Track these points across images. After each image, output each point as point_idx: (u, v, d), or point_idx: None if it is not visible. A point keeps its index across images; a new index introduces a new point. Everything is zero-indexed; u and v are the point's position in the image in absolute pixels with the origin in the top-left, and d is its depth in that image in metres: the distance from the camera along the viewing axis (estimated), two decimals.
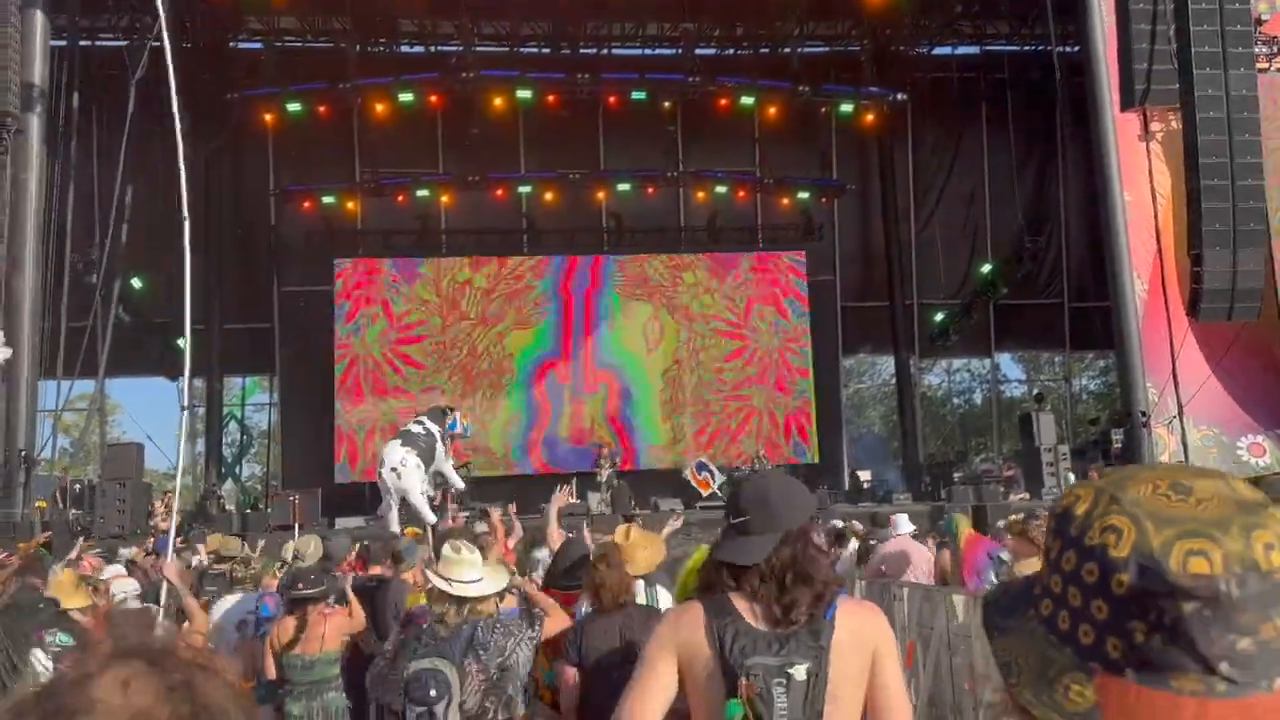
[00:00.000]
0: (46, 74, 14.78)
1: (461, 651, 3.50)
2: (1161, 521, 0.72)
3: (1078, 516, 0.77)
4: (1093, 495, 0.77)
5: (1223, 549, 0.70)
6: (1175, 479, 0.76)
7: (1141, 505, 0.74)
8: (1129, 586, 0.71)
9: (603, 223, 21.79)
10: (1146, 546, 0.71)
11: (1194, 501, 0.73)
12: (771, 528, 2.06)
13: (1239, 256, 14.20)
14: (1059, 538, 0.78)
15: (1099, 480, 0.80)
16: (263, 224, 21.21)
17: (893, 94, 19.99)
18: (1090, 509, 0.76)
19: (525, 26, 20.68)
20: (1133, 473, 0.78)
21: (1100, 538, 0.74)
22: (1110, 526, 0.74)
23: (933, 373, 27.38)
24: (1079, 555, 0.75)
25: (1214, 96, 14.04)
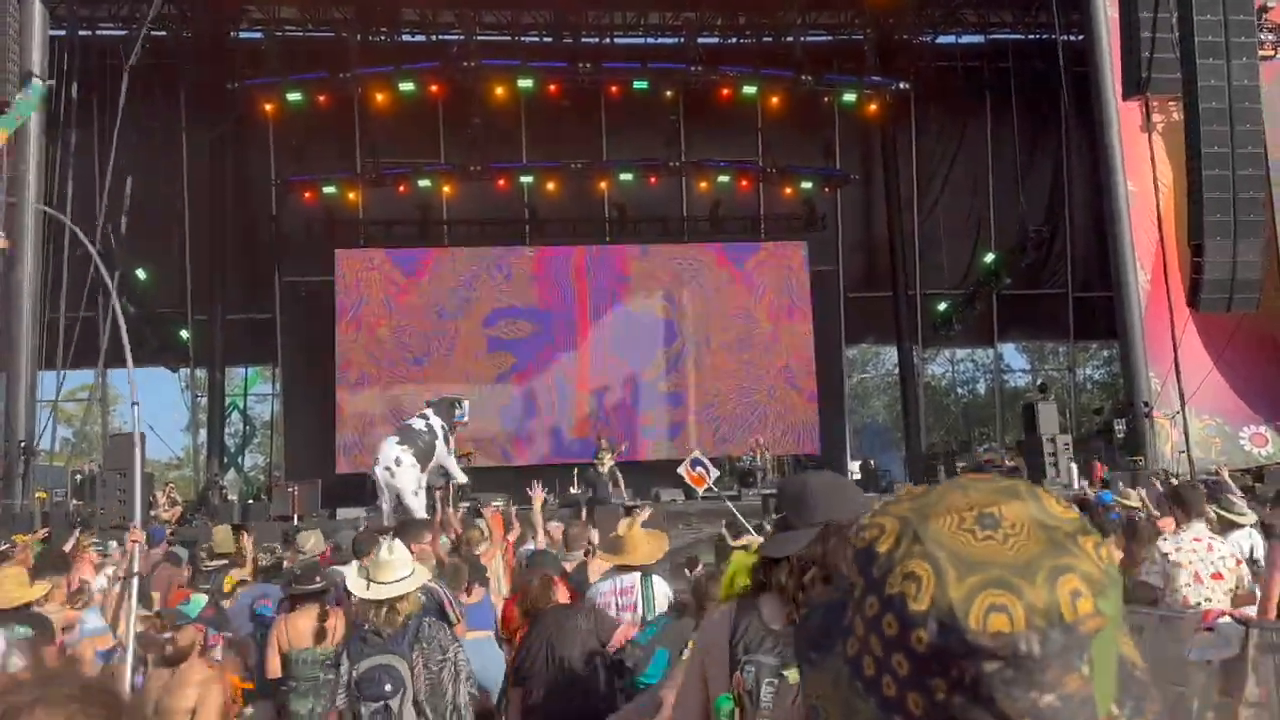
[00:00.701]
0: (45, 63, 14.77)
1: (409, 646, 3.53)
2: (964, 567, 0.68)
3: (880, 555, 0.72)
4: (896, 530, 0.72)
5: (1024, 602, 0.66)
6: (984, 508, 0.71)
7: (944, 545, 0.69)
8: (927, 644, 0.67)
9: (605, 212, 21.74)
10: (945, 600, 0.67)
11: (1001, 537, 0.69)
12: (808, 522, 2.03)
13: (1239, 247, 14.14)
14: (862, 576, 0.73)
15: (904, 506, 0.74)
16: (264, 214, 21.21)
17: (896, 83, 19.90)
18: (893, 547, 0.71)
19: (527, 15, 20.59)
20: (939, 498, 0.73)
21: (900, 586, 0.69)
22: (910, 574, 0.69)
23: (936, 363, 27.32)
24: (880, 603, 0.70)
25: (1216, 86, 13.97)
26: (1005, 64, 22.06)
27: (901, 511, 0.73)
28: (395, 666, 3.46)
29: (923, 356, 23.84)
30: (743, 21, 20.88)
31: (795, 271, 21.92)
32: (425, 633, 3.55)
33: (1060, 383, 26.61)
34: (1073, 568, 0.68)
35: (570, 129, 20.59)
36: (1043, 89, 20.51)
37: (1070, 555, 0.68)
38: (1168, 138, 15.83)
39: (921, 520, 0.71)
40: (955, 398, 28.75)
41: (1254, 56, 14.42)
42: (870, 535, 0.74)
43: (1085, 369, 28.91)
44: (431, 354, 20.83)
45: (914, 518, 0.72)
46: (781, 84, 19.87)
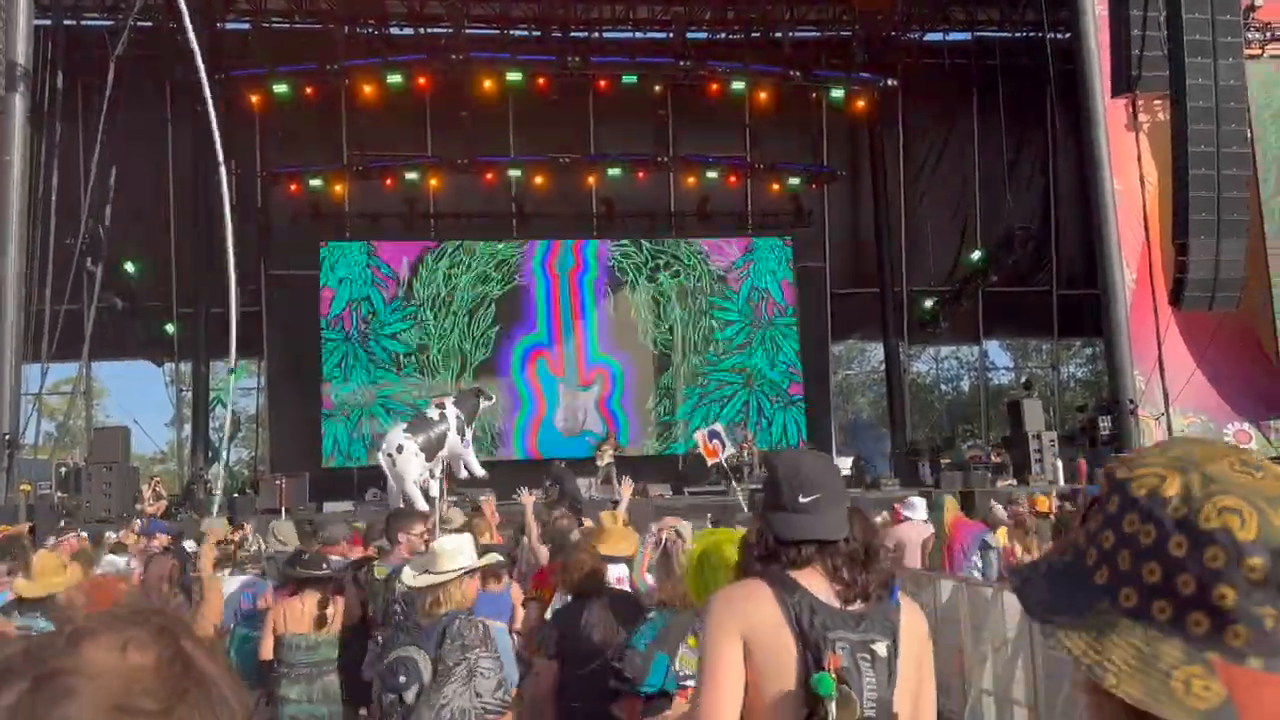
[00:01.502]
0: (30, 53, 14.61)
1: (436, 642, 3.51)
2: (1270, 501, 0.71)
3: (1172, 498, 0.73)
4: (1179, 474, 0.74)
5: None
6: (1236, 455, 0.75)
7: (1238, 484, 0.72)
8: (1263, 570, 0.69)
9: (593, 207, 21.72)
10: (1274, 529, 0.70)
11: (1270, 477, 0.73)
12: (839, 503, 2.07)
13: (1222, 246, 14.27)
14: (1149, 522, 0.74)
15: (1163, 458, 0.76)
16: (250, 207, 21.05)
17: (884, 80, 19.95)
18: (1186, 490, 0.73)
19: (515, 9, 20.52)
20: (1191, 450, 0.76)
21: (1220, 520, 0.71)
22: (1226, 508, 0.71)
23: (921, 359, 27.43)
24: (1194, 540, 0.71)
25: (1203, 85, 14.08)
26: (993, 61, 22.14)
27: (1169, 461, 0.76)
28: (415, 659, 3.46)
29: (908, 353, 23.92)
30: (731, 17, 20.87)
31: (782, 267, 21.98)
32: (454, 630, 3.53)
33: (1044, 380, 26.77)
34: None
35: (558, 123, 20.54)
36: (1030, 87, 20.62)
37: None
38: (1153, 136, 15.95)
39: (1201, 465, 0.74)
40: (940, 394, 28.87)
41: (1240, 56, 14.54)
42: (1150, 483, 0.75)
43: (1069, 366, 29.10)
44: (417, 347, 20.76)
45: (1191, 465, 0.75)
46: (770, 80, 19.89)
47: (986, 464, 17.45)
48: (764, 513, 2.11)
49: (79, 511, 13.58)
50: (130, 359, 20.75)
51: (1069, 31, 17.05)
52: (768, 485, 2.14)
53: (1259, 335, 16.48)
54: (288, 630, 5.04)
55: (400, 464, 10.05)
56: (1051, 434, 16.73)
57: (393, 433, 10.20)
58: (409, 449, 10.10)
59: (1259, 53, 15.76)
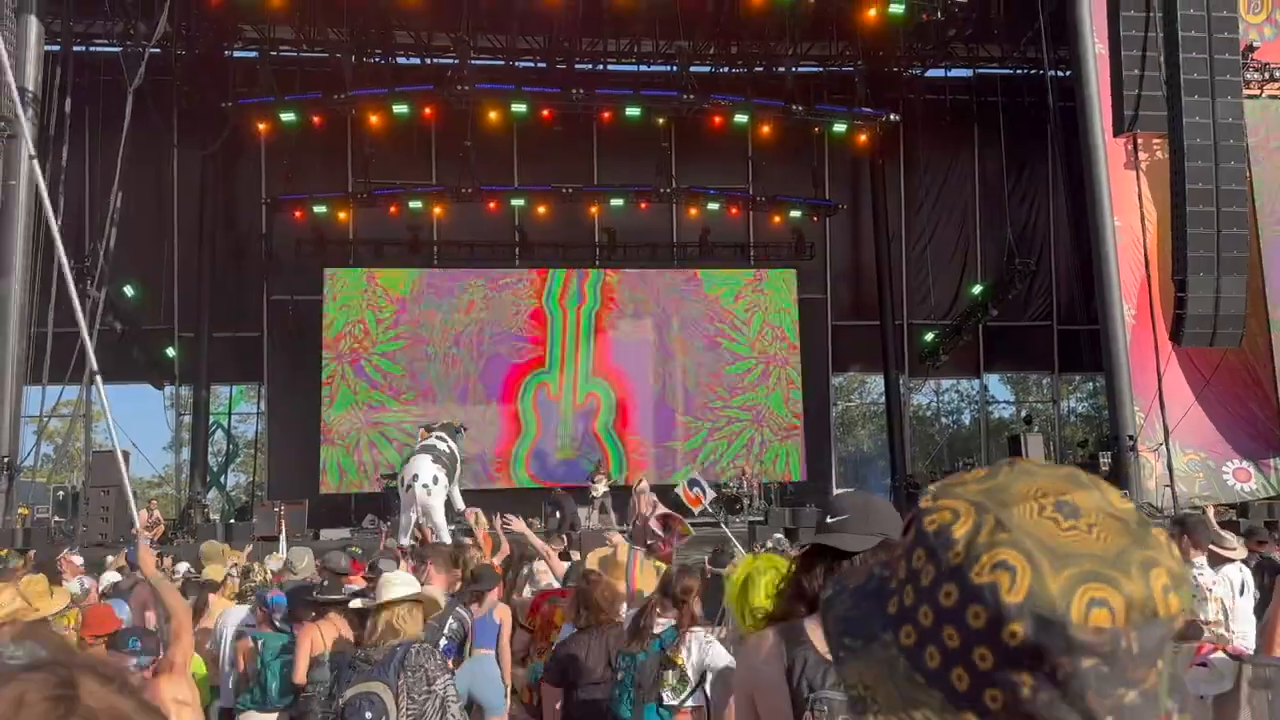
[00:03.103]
0: (40, 79, 14.75)
1: (395, 673, 3.50)
2: (1058, 559, 0.65)
3: (956, 540, 0.68)
4: (974, 515, 0.68)
5: (1124, 595, 0.64)
6: (1059, 494, 0.68)
7: (1033, 536, 0.66)
8: (1023, 639, 0.63)
9: (595, 237, 21.82)
10: (1045, 593, 0.64)
11: (1085, 527, 0.67)
12: (869, 530, 2.04)
13: (1222, 283, 14.30)
14: (931, 562, 0.68)
15: (973, 489, 0.70)
16: (254, 232, 21.17)
17: (885, 114, 20.08)
18: (973, 533, 0.67)
19: (521, 41, 20.74)
20: (1011, 483, 0.70)
21: (990, 576, 0.65)
22: (1001, 563, 0.65)
23: (922, 392, 27.42)
24: (962, 593, 0.66)
25: (1201, 124, 14.18)
26: (993, 98, 22.33)
27: (972, 495, 0.70)
28: (378, 694, 3.43)
29: (909, 386, 23.94)
30: (735, 51, 21.06)
31: (782, 299, 22.03)
32: (411, 660, 3.51)
33: (1044, 414, 26.76)
34: (1159, 560, 0.66)
35: (562, 154, 20.68)
36: (1030, 123, 20.77)
37: (1153, 548, 0.67)
38: (1152, 174, 16.04)
39: (1000, 506, 0.68)
40: (940, 427, 28.83)
41: (1239, 95, 14.66)
42: (942, 519, 0.69)
43: (1069, 401, 29.08)
44: (417, 375, 20.78)
45: (990, 503, 0.68)
46: (772, 113, 20.03)
47: None
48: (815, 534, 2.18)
49: (75, 535, 13.53)
50: (131, 383, 20.74)
51: (1069, 70, 17.20)
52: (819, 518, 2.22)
53: (1259, 373, 16.49)
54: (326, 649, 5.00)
55: (436, 495, 10.10)
56: None
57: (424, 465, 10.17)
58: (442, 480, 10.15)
59: (1258, 92, 15.88)
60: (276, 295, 20.95)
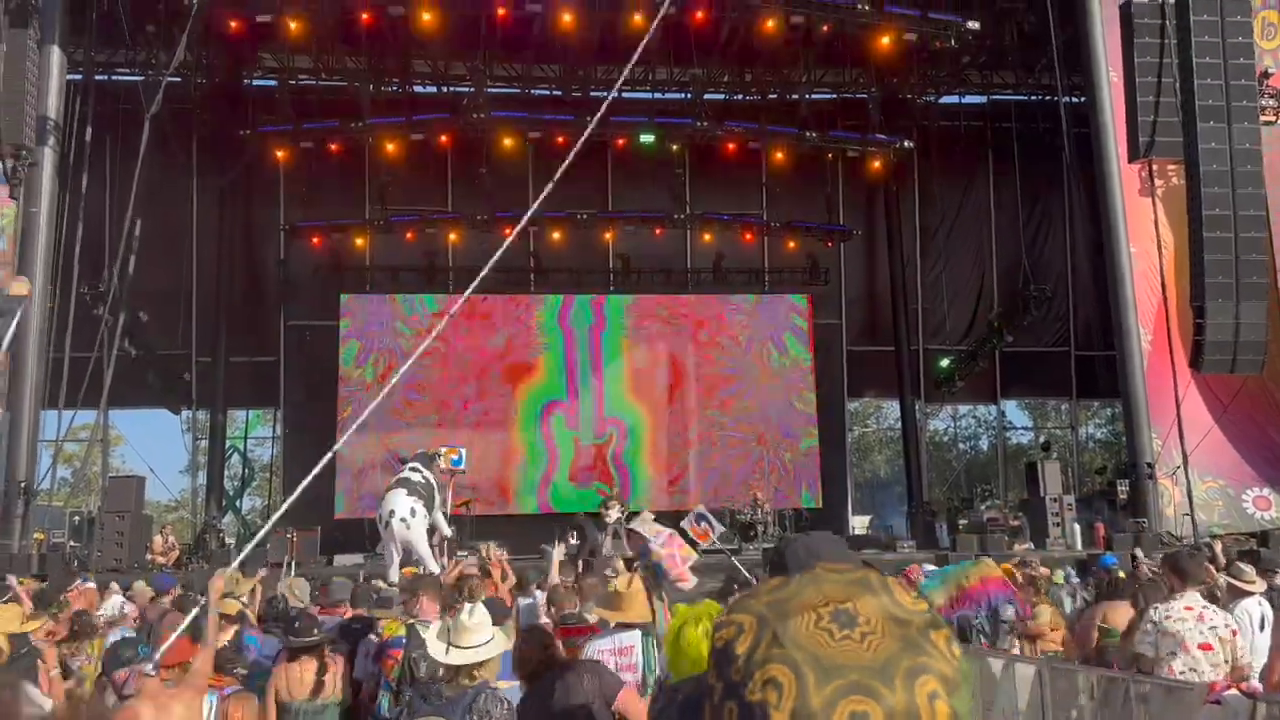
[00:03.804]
0: (61, 108, 14.96)
1: (462, 714, 3.46)
2: (823, 671, 0.66)
3: (738, 656, 0.70)
4: (754, 629, 0.70)
5: (884, 707, 0.64)
6: (840, 603, 0.70)
7: (803, 646, 0.68)
8: None
9: (609, 263, 21.88)
10: (807, 709, 0.65)
11: (859, 635, 0.68)
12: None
13: (1241, 309, 14.20)
14: (720, 679, 0.70)
15: (762, 602, 0.72)
16: (272, 258, 21.35)
17: (899, 141, 20.10)
18: (751, 648, 0.69)
19: (537, 69, 20.91)
20: (796, 594, 0.71)
21: (761, 693, 0.67)
22: (771, 679, 0.67)
23: (939, 418, 27.29)
24: (740, 710, 0.68)
25: (1217, 150, 14.14)
26: (1008, 124, 22.33)
27: (758, 608, 0.72)
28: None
29: (925, 411, 23.82)
30: (749, 79, 21.15)
31: (798, 324, 22.00)
32: (480, 705, 3.48)
33: (1063, 441, 26.55)
34: (929, 668, 0.67)
35: (577, 180, 20.62)
36: (1045, 149, 20.74)
37: (925, 654, 0.67)
38: (1168, 200, 15.98)
39: (780, 618, 0.70)
40: (958, 453, 28.66)
41: (1255, 121, 14.61)
42: (727, 634, 0.71)
43: (1087, 427, 28.87)
44: (431, 400, 20.82)
45: (771, 615, 0.70)
46: (786, 140, 20.09)
47: (1004, 526, 17.25)
48: None
49: (90, 561, 13.58)
50: (148, 407, 20.89)
51: (1083, 96, 17.19)
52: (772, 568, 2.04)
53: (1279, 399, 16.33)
54: (290, 697, 5.00)
55: (415, 528, 10.05)
56: (1070, 497, 16.54)
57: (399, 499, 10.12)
58: (420, 512, 10.10)
59: (1273, 119, 15.82)
60: (293, 321, 21.09)
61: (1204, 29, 14.42)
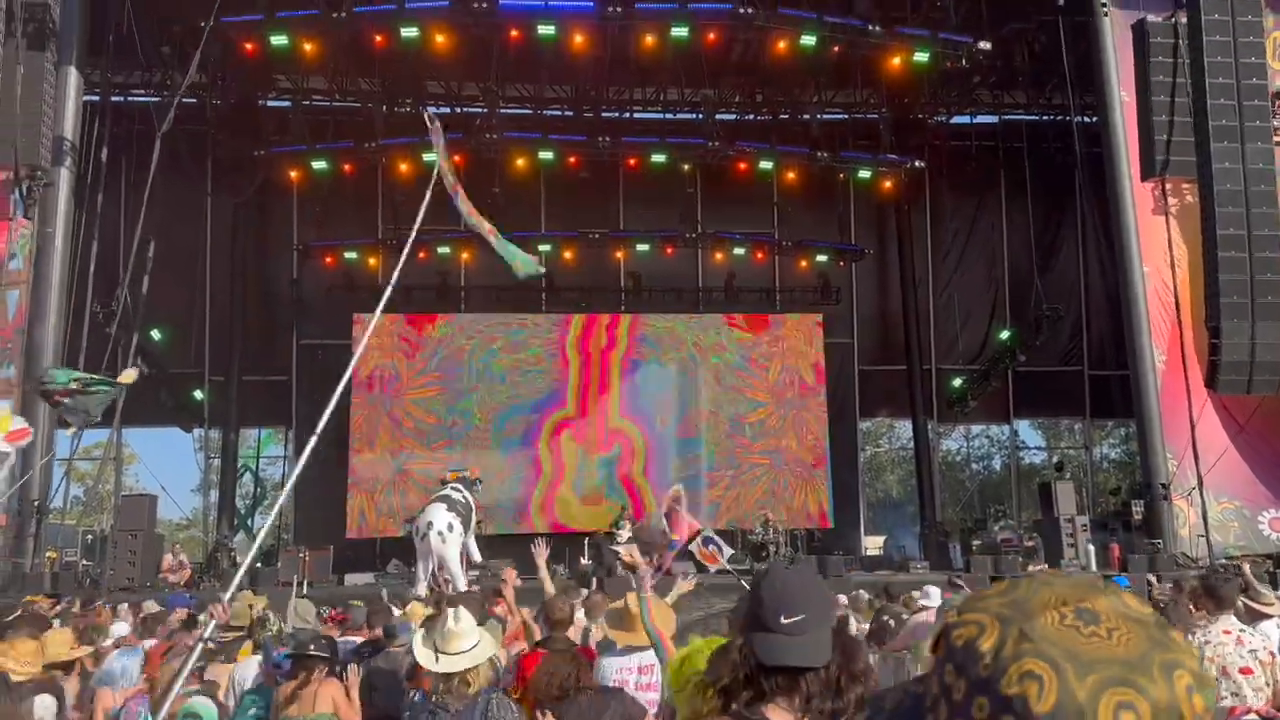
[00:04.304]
0: (78, 128, 15.09)
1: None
2: (1082, 666, 0.66)
3: (983, 653, 0.70)
4: (998, 628, 0.70)
5: (1149, 699, 0.65)
6: (1078, 602, 0.71)
7: (1055, 642, 0.68)
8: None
9: (621, 282, 21.90)
10: (1072, 701, 0.65)
11: (1105, 632, 0.69)
12: (823, 624, 1.90)
13: (1257, 329, 14.11)
14: (962, 676, 0.71)
15: (995, 603, 0.73)
16: (285, 277, 21.45)
17: (911, 161, 20.11)
18: (998, 645, 0.69)
19: (549, 90, 21.02)
20: (1032, 594, 0.72)
21: (1019, 686, 0.67)
22: (1029, 673, 0.67)
23: (951, 437, 27.15)
24: (994, 704, 0.68)
25: (1231, 169, 14.09)
26: (1019, 144, 22.30)
27: (995, 609, 0.72)
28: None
29: (938, 431, 23.71)
30: (760, 99, 21.22)
31: (809, 344, 21.96)
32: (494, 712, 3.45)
33: (1076, 461, 26.37)
34: (1182, 662, 0.67)
35: (588, 200, 20.85)
36: (1057, 169, 20.72)
37: (1174, 650, 0.68)
38: (1182, 219, 15.92)
39: (1024, 617, 0.70)
40: (971, 474, 28.50)
41: (1269, 141, 14.57)
42: (968, 633, 0.72)
43: (1101, 447, 28.67)
44: (443, 419, 20.83)
45: (1013, 614, 0.71)
46: (797, 160, 20.12)
47: (1018, 547, 17.13)
48: (746, 632, 1.94)
49: (103, 580, 13.59)
50: (161, 426, 20.96)
51: (1095, 116, 17.18)
52: (751, 601, 1.99)
53: None
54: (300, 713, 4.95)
55: (450, 543, 10.09)
56: (1084, 518, 16.42)
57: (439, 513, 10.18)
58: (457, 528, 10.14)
59: None
60: (306, 340, 21.16)
61: (1217, 49, 14.42)
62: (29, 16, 14.25)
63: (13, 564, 13.19)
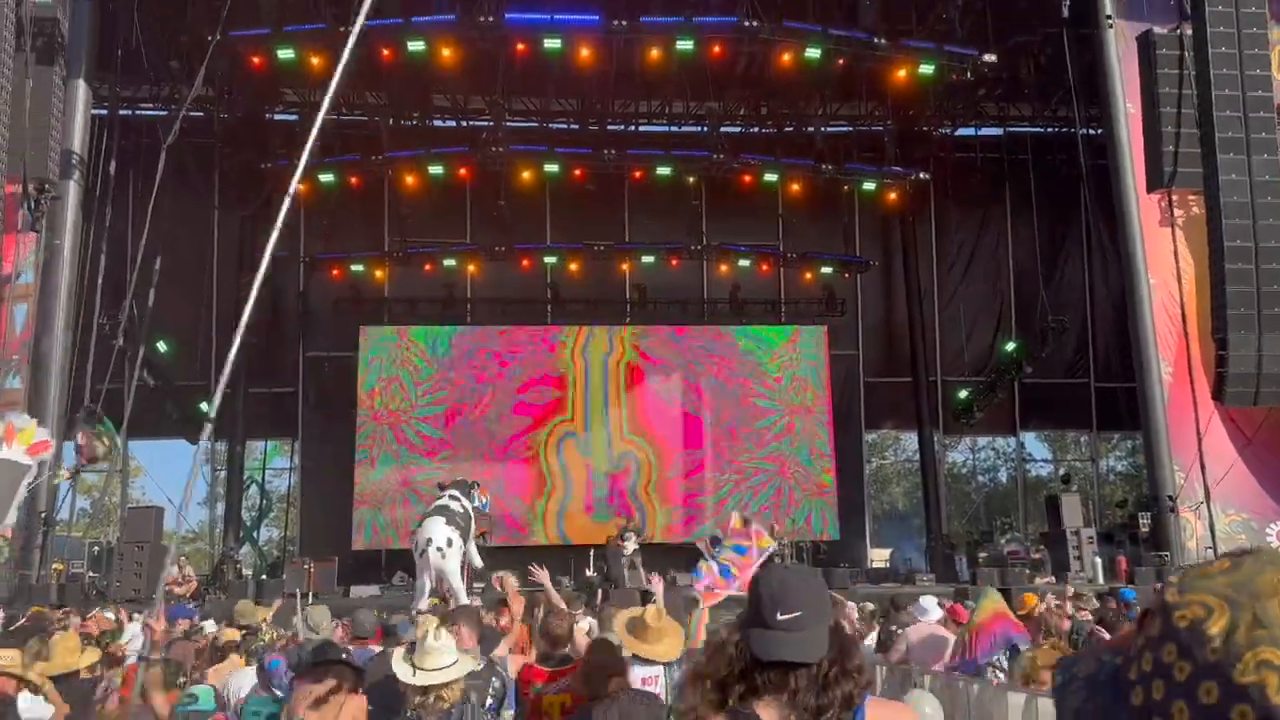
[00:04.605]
0: (86, 142, 15.17)
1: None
2: None
3: (1212, 636, 0.67)
4: (1227, 611, 0.68)
5: None
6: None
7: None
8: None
9: (626, 294, 21.94)
10: None
11: None
12: (820, 622, 1.92)
13: (1264, 341, 14.09)
14: (1186, 659, 0.68)
15: (1219, 583, 0.70)
16: (291, 290, 21.50)
17: (915, 173, 20.13)
18: (1229, 629, 0.67)
19: (555, 103, 21.11)
20: (1256, 574, 0.69)
21: (1256, 675, 0.65)
22: (1265, 662, 0.65)
23: (957, 449, 27.09)
24: (1224, 691, 0.65)
25: (1238, 181, 14.10)
26: (1025, 156, 22.34)
27: (1221, 589, 0.70)
28: None
29: (944, 443, 23.66)
30: (765, 112, 21.28)
31: (815, 355, 21.95)
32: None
33: (1083, 473, 26.29)
34: None
35: (594, 212, 20.90)
36: (1063, 180, 20.72)
37: None
38: (1188, 231, 15.92)
39: (1255, 601, 0.68)
40: (977, 485, 28.42)
41: (1275, 152, 14.57)
42: (1194, 614, 0.69)
43: (1108, 459, 28.58)
44: (449, 431, 20.83)
45: (1240, 598, 0.68)
46: (802, 172, 20.16)
47: (1025, 560, 17.07)
48: (743, 628, 1.96)
49: (109, 591, 13.60)
50: (166, 438, 20.98)
51: (1100, 128, 17.19)
52: (750, 600, 2.01)
53: None
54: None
55: (450, 557, 10.01)
56: (1090, 530, 16.38)
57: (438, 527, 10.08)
58: (457, 542, 10.06)
59: None
60: (312, 352, 21.20)
61: (1222, 61, 14.44)
62: (38, 31, 14.34)
63: (20, 576, 13.20)
